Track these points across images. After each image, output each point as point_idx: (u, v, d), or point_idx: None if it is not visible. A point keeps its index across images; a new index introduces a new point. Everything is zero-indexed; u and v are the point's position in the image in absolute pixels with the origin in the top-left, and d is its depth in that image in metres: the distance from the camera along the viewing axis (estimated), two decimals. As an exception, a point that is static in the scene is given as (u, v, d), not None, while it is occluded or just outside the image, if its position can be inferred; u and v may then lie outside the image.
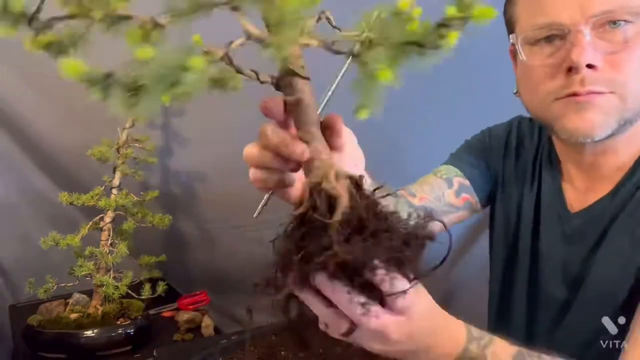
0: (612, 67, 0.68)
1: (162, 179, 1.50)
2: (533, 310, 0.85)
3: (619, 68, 0.68)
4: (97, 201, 1.22)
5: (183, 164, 1.50)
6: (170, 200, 1.51)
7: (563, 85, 0.70)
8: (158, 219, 1.29)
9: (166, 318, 1.37)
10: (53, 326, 1.18)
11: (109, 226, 1.23)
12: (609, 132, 0.71)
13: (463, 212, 0.91)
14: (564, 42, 0.70)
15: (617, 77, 0.69)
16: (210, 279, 1.62)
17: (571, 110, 0.70)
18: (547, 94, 0.73)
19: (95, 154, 1.24)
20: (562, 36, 0.70)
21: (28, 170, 1.48)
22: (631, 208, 0.73)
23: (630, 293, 0.70)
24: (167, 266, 1.37)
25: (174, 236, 1.57)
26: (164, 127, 1.45)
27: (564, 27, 0.69)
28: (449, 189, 0.89)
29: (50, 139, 1.43)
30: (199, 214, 1.55)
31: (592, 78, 0.68)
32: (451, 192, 0.89)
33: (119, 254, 1.19)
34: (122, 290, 1.18)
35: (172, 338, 1.26)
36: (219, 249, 1.58)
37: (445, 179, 0.90)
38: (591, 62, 0.67)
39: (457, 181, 0.91)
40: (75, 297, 1.26)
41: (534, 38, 0.73)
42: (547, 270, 0.82)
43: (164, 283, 1.25)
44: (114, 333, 1.16)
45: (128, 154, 1.26)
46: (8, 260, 1.49)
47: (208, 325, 1.29)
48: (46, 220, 1.49)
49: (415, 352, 0.53)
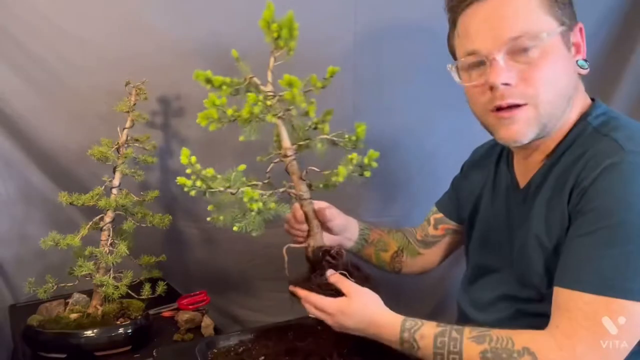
0: (524, 82, 0.85)
1: (162, 179, 1.50)
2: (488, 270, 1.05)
3: (529, 83, 0.85)
4: (97, 201, 1.22)
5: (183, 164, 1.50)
6: (170, 200, 1.51)
7: (490, 100, 0.88)
8: (158, 219, 1.29)
9: (166, 318, 1.38)
10: (53, 326, 1.18)
11: (108, 226, 1.23)
12: (533, 137, 0.88)
13: (448, 237, 1.22)
14: (486, 66, 0.87)
15: (528, 91, 0.85)
16: (210, 279, 1.62)
17: (501, 124, 0.89)
18: (482, 107, 0.91)
19: (95, 154, 1.24)
20: (484, 62, 0.87)
21: (28, 170, 1.48)
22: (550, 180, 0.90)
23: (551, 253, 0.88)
24: (167, 266, 1.37)
25: (174, 236, 1.57)
26: (164, 127, 1.46)
27: (483, 56, 0.86)
28: (428, 226, 1.23)
29: (50, 139, 1.43)
30: (199, 214, 1.54)
31: (509, 93, 0.85)
32: (430, 228, 1.23)
33: (119, 254, 1.19)
34: (122, 290, 1.18)
35: (172, 338, 1.26)
36: (219, 249, 1.58)
37: (427, 220, 1.24)
38: (505, 82, 0.84)
39: (433, 218, 1.23)
40: (75, 297, 1.26)
41: (467, 64, 0.91)
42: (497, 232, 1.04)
43: (164, 283, 1.26)
44: (113, 333, 1.16)
45: (128, 154, 1.26)
46: (8, 260, 1.49)
47: (208, 325, 1.29)
48: (46, 220, 1.49)
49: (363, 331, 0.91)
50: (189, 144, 1.46)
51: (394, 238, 1.26)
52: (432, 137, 1.50)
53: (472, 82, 0.91)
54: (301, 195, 0.99)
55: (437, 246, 1.23)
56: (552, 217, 0.87)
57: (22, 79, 1.36)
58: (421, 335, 0.84)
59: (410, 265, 1.25)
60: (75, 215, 1.46)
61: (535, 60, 0.84)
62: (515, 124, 0.87)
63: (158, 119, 1.44)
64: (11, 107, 1.38)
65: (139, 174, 1.29)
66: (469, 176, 1.17)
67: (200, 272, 1.65)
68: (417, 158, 1.52)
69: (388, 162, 1.26)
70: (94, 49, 1.34)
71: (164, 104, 1.43)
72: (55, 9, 1.30)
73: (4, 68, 1.34)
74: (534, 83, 0.84)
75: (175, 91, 1.41)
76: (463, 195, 1.17)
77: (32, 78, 1.36)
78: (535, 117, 0.86)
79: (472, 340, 0.81)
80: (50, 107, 1.39)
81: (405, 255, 1.25)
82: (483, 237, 1.08)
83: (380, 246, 1.24)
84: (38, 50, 1.34)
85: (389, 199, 1.56)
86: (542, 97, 0.85)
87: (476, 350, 0.80)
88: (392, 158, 1.45)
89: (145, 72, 1.30)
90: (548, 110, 0.86)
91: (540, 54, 0.84)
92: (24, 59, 1.34)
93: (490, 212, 1.07)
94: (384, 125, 1.42)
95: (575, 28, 0.89)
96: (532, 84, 0.84)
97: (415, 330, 0.85)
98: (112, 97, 1.30)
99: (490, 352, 0.79)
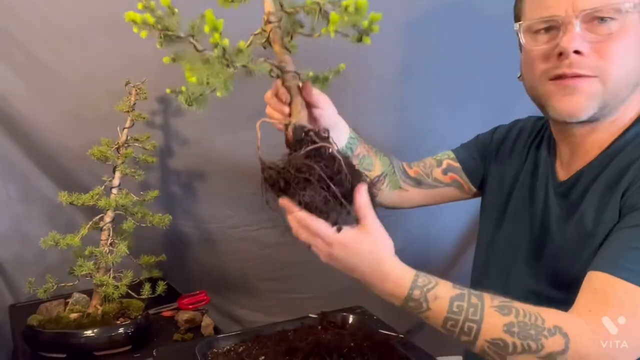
0: (597, 54, 0.80)
1: (162, 179, 1.50)
2: (509, 263, 0.97)
3: (602, 56, 0.80)
4: (97, 201, 1.22)
5: (183, 164, 1.50)
6: (170, 200, 1.51)
7: (554, 67, 0.83)
8: (158, 218, 1.29)
9: (166, 318, 1.37)
10: (53, 326, 1.18)
11: (108, 226, 1.23)
12: (591, 113, 0.83)
13: (452, 188, 1.11)
14: (559, 32, 0.82)
15: (600, 64, 0.80)
16: (210, 279, 1.62)
17: (560, 92, 0.83)
18: (541, 74, 0.85)
19: (95, 154, 1.24)
20: (557, 27, 0.82)
21: (28, 170, 1.48)
22: (604, 176, 0.84)
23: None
24: (167, 266, 1.37)
25: (174, 236, 1.57)
26: (164, 127, 1.46)
27: (559, 19, 0.81)
28: (437, 167, 1.11)
29: (50, 138, 1.43)
30: (199, 214, 1.55)
31: (579, 62, 0.80)
32: (439, 170, 1.11)
33: (119, 253, 1.19)
34: (122, 290, 1.18)
35: (172, 338, 1.26)
36: (219, 249, 1.58)
37: (437, 160, 1.12)
38: (578, 49, 0.79)
39: (447, 162, 1.11)
40: (75, 297, 1.26)
41: (536, 27, 0.85)
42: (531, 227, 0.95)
43: (164, 283, 1.26)
44: (113, 333, 1.16)
45: (128, 154, 1.27)
46: (8, 260, 1.49)
47: (208, 325, 1.29)
48: (46, 220, 1.49)
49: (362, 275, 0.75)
50: (189, 143, 1.46)
51: (381, 160, 1.08)
52: (432, 136, 1.50)
53: (538, 46, 0.85)
54: (283, 67, 0.80)
55: (430, 191, 1.11)
56: (604, 215, 0.82)
57: (22, 79, 1.36)
58: (435, 295, 0.73)
59: (385, 197, 1.08)
60: (75, 215, 1.46)
61: (613, 33, 0.79)
62: (577, 94, 0.82)
63: (158, 119, 1.44)
64: (11, 107, 1.38)
65: (139, 173, 1.29)
66: (500, 156, 1.08)
67: (200, 272, 1.65)
68: (417, 158, 1.52)
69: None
70: (94, 49, 1.34)
71: (164, 104, 1.43)
72: (55, 9, 1.30)
73: (4, 68, 1.34)
74: (607, 56, 0.80)
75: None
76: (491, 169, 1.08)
77: (32, 78, 1.36)
78: (601, 92, 0.81)
79: (496, 309, 0.72)
80: (51, 107, 1.39)
81: (386, 183, 1.08)
82: (511, 230, 1.00)
83: (365, 164, 1.05)
84: (38, 50, 1.34)
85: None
86: (613, 73, 0.80)
87: (500, 322, 0.71)
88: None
89: (145, 72, 1.30)
90: (615, 89, 0.82)
91: (620, 28, 0.79)
92: (24, 59, 1.34)
93: (525, 203, 0.98)
94: (384, 125, 1.43)
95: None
96: (606, 57, 0.80)
97: (429, 288, 0.73)
98: (112, 97, 1.30)
99: (516, 326, 0.70)
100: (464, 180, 1.11)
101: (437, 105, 1.43)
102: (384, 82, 1.43)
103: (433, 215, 1.54)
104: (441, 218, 1.58)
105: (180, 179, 1.53)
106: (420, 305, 0.73)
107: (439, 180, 1.11)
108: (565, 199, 0.90)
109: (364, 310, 1.25)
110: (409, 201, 1.13)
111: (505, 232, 1.01)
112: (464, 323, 0.72)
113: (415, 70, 1.42)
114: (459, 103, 1.44)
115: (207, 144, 1.43)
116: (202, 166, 1.49)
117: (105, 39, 1.33)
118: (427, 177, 1.11)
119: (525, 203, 0.98)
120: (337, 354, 0.95)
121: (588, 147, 0.88)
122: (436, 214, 1.57)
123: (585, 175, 0.88)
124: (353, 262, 0.74)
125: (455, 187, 1.11)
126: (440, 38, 1.39)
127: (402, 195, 1.11)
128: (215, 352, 1.03)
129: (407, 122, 1.47)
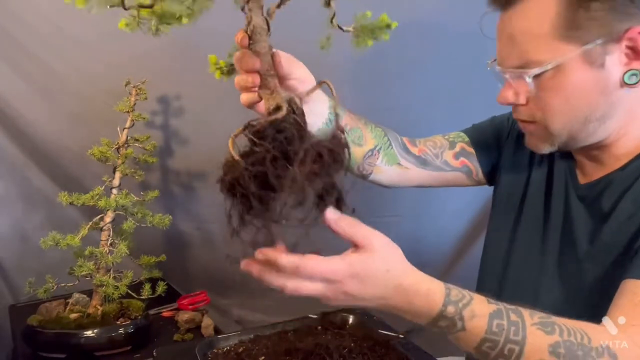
0: (534, 103, 0.80)
1: (162, 179, 1.50)
2: (537, 276, 0.90)
3: (538, 106, 0.80)
4: (97, 201, 1.22)
5: (183, 164, 1.50)
6: (170, 200, 1.51)
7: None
8: (158, 219, 1.29)
9: (166, 318, 1.37)
10: (53, 326, 1.18)
11: (109, 226, 1.23)
12: (554, 148, 0.83)
13: (460, 174, 1.02)
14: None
15: (537, 114, 0.81)
16: (210, 279, 1.62)
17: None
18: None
19: (95, 154, 1.24)
20: None
21: (28, 170, 1.48)
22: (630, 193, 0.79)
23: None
24: (167, 266, 1.37)
25: (174, 236, 1.57)
26: (164, 127, 1.46)
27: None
28: (449, 150, 1.02)
29: (50, 138, 1.43)
30: (199, 214, 1.55)
31: (519, 111, 0.83)
32: (451, 153, 1.02)
33: (119, 254, 1.19)
34: (122, 290, 1.18)
35: (172, 338, 1.26)
36: (219, 249, 1.58)
37: (450, 141, 1.03)
38: (510, 102, 0.82)
39: (460, 146, 1.02)
40: (75, 297, 1.26)
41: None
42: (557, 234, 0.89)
43: (164, 283, 1.25)
44: (113, 333, 1.16)
45: (128, 154, 1.26)
46: (8, 260, 1.49)
47: (208, 325, 1.29)
48: (46, 220, 1.49)
49: (385, 301, 0.62)
50: (189, 143, 1.46)
51: (373, 132, 0.96)
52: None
53: (502, 87, 0.84)
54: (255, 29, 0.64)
55: (435, 173, 1.01)
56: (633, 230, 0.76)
57: (22, 79, 1.36)
58: (472, 312, 0.62)
59: (382, 172, 0.97)
60: (75, 215, 1.46)
61: (543, 84, 0.77)
62: (529, 135, 0.85)
63: (158, 119, 1.44)
64: (11, 107, 1.38)
65: (139, 174, 1.29)
66: (515, 144, 1.01)
67: (200, 272, 1.65)
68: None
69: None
70: (94, 49, 1.34)
71: (164, 104, 1.43)
72: (55, 9, 1.30)
73: (4, 68, 1.34)
74: (542, 107, 0.79)
75: (175, 91, 1.42)
76: (504, 156, 1.02)
77: (32, 78, 1.36)
78: (548, 135, 0.81)
79: (538, 327, 0.63)
80: (51, 107, 1.40)
81: (381, 157, 0.96)
82: (529, 235, 0.94)
83: (354, 136, 0.92)
84: (38, 50, 1.34)
85: (389, 198, 1.56)
86: (553, 120, 0.79)
87: (544, 342, 0.62)
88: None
89: (146, 72, 1.30)
90: (563, 132, 0.80)
91: (551, 77, 0.76)
92: (24, 59, 1.34)
93: (539, 209, 0.93)
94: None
95: (627, 34, 0.73)
96: (541, 107, 0.79)
97: (464, 304, 0.62)
98: (112, 97, 1.30)
99: (562, 347, 0.61)
100: (474, 166, 1.03)
101: (438, 105, 1.43)
102: (383, 83, 1.43)
103: (432, 217, 1.54)
104: (441, 218, 1.58)
105: (180, 179, 1.53)
106: (454, 324, 0.62)
107: (448, 163, 1.01)
108: (593, 204, 0.84)
109: (363, 311, 1.24)
110: (409, 180, 1.02)
111: (523, 238, 0.95)
112: (504, 345, 0.62)
113: (416, 70, 1.42)
114: (460, 101, 1.44)
115: (207, 144, 1.43)
116: (202, 166, 1.49)
117: (106, 38, 1.33)
118: (435, 159, 1.01)
119: (540, 208, 0.93)
120: (337, 354, 0.94)
121: (609, 158, 0.84)
122: (436, 215, 1.57)
123: (616, 181, 0.82)
124: (372, 289, 0.61)
125: (464, 173, 1.03)
126: (441, 37, 1.39)
127: (401, 174, 1.00)
128: (215, 353, 1.03)
129: (408, 122, 1.47)
